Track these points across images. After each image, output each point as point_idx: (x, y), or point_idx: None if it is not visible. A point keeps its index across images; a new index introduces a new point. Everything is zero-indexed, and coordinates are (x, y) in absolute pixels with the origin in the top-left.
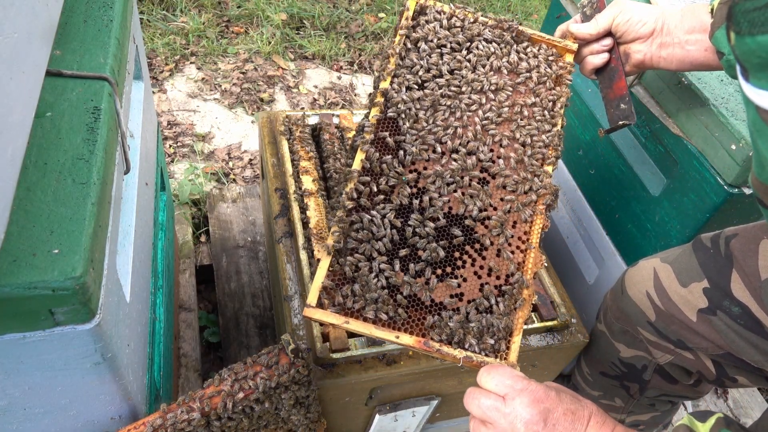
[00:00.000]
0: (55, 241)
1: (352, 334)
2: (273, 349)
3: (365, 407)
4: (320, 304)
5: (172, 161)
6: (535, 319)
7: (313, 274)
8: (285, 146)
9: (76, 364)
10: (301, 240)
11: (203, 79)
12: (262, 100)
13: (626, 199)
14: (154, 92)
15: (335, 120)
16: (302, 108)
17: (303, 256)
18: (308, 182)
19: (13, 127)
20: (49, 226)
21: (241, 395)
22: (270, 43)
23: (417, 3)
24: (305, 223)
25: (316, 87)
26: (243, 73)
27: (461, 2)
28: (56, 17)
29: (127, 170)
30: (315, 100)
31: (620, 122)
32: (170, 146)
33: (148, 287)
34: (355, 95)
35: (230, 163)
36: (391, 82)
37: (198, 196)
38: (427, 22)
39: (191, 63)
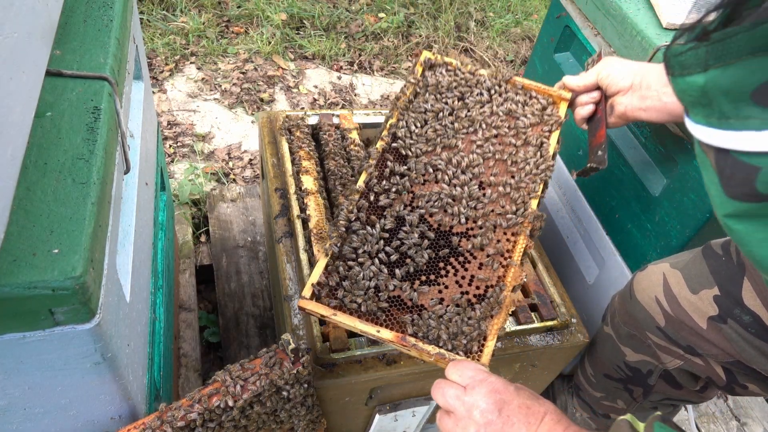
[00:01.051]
0: (55, 240)
1: (352, 334)
2: (273, 349)
3: (365, 407)
4: (313, 298)
5: (172, 161)
6: (535, 319)
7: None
8: (285, 146)
9: (76, 364)
10: (301, 240)
11: (203, 79)
12: (262, 100)
13: (626, 199)
14: (154, 92)
15: (335, 120)
16: (302, 108)
17: (303, 256)
18: (308, 182)
19: (13, 127)
20: (49, 225)
21: (240, 395)
22: (270, 43)
23: (427, 58)
24: (305, 223)
25: (316, 87)
26: (243, 73)
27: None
28: (56, 17)
29: (127, 170)
30: (315, 100)
31: (590, 165)
32: (170, 146)
33: (148, 287)
34: (355, 95)
35: (230, 163)
36: (398, 119)
37: (198, 196)
38: (435, 73)
39: (191, 63)
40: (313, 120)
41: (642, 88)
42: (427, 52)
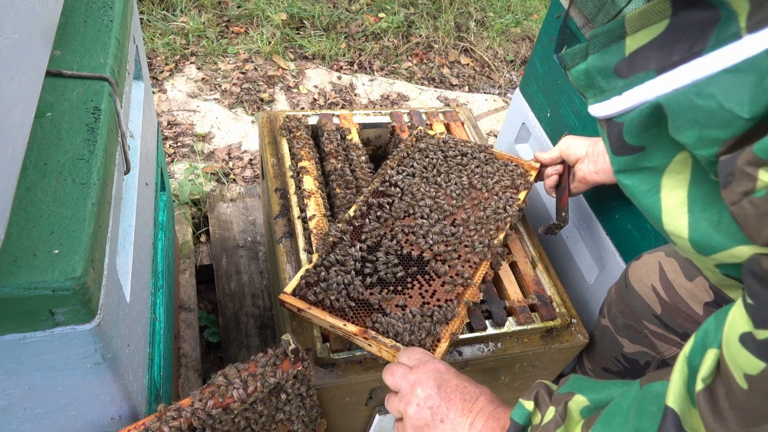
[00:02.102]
0: (55, 241)
1: None
2: (273, 350)
3: (365, 407)
4: (294, 295)
5: (172, 161)
6: (535, 319)
7: None
8: (285, 146)
9: (76, 365)
10: (301, 240)
11: (203, 79)
12: (262, 100)
13: (626, 199)
14: (154, 92)
15: (335, 120)
16: (302, 108)
17: (303, 256)
18: (308, 182)
19: (13, 128)
20: (49, 226)
21: (240, 396)
22: (270, 43)
23: (419, 130)
24: (305, 223)
25: (316, 87)
26: (243, 73)
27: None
28: (56, 17)
29: (127, 170)
30: (315, 100)
31: (555, 222)
32: (170, 146)
33: (148, 287)
34: (355, 95)
35: (230, 163)
36: (391, 168)
37: (198, 196)
38: (426, 139)
39: (191, 63)
40: (313, 120)
41: (594, 155)
42: (422, 128)
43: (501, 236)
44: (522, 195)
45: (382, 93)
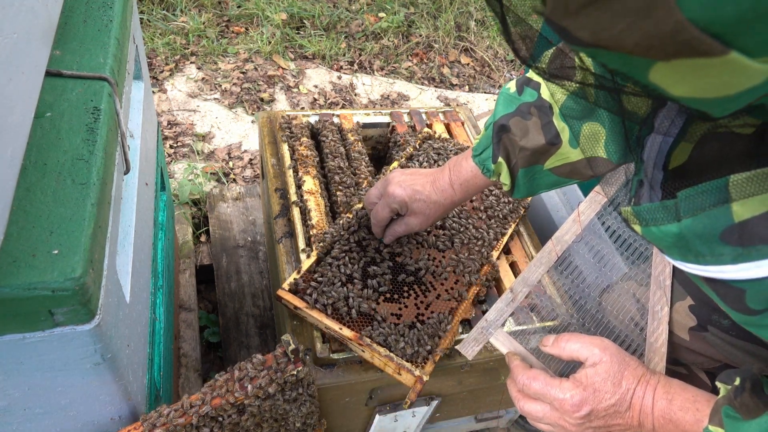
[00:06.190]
0: (55, 241)
1: None
2: (273, 350)
3: (365, 407)
4: (292, 291)
5: (172, 161)
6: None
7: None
8: (285, 146)
9: (75, 365)
10: (301, 240)
11: (203, 79)
12: (262, 100)
13: None
14: (154, 92)
15: (335, 120)
16: (302, 108)
17: (303, 256)
18: (308, 182)
19: (13, 128)
20: (49, 226)
21: (240, 397)
22: (270, 43)
23: (426, 132)
24: (305, 223)
25: (316, 87)
26: (243, 73)
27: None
28: (56, 17)
29: (127, 170)
30: (315, 100)
31: None
32: (170, 146)
33: (148, 287)
34: (355, 95)
35: (230, 163)
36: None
37: (198, 196)
38: (428, 144)
39: (191, 63)
40: (313, 120)
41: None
42: (428, 129)
43: (490, 264)
44: (512, 227)
45: (382, 93)
